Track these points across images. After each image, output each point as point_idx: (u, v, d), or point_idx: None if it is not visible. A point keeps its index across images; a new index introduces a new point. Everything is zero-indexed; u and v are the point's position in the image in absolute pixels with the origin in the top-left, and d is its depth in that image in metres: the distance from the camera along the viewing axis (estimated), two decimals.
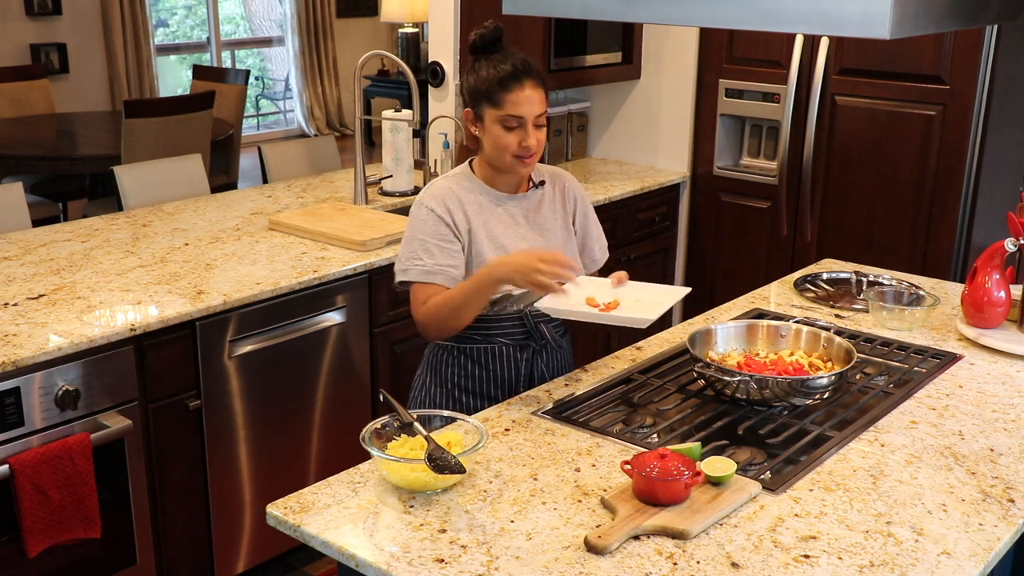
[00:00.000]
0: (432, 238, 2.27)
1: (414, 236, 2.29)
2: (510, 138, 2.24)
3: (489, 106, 2.26)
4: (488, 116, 2.26)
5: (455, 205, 2.29)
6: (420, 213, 2.30)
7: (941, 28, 1.93)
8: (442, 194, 2.31)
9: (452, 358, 2.40)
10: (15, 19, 7.79)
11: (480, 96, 2.27)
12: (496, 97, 2.24)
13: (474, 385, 2.39)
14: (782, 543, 1.68)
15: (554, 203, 2.41)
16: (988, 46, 3.55)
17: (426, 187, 2.36)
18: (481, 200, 2.33)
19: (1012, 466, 1.96)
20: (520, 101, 2.22)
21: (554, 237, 2.39)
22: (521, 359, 2.39)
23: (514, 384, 2.39)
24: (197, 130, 5.29)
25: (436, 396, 2.43)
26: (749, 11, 1.88)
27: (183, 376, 2.78)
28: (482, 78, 2.26)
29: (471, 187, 2.33)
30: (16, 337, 2.50)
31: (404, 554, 1.64)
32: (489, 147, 2.29)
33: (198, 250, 3.19)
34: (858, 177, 3.91)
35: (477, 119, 2.30)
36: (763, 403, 2.16)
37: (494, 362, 2.38)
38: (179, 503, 2.85)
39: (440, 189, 2.32)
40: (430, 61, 4.31)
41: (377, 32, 10.46)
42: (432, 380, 2.44)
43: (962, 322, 2.63)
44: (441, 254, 2.26)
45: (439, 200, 2.30)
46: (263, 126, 10.57)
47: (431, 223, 2.28)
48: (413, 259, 2.27)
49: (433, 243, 2.27)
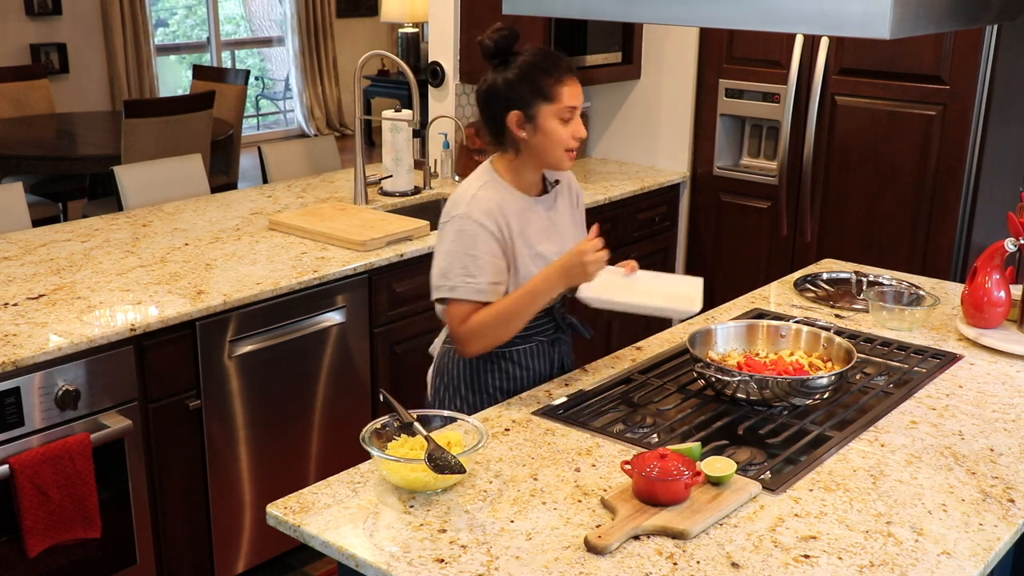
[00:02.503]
0: (485, 255, 2.24)
1: (465, 252, 2.23)
2: (565, 131, 2.25)
3: (544, 102, 2.24)
4: (543, 112, 2.24)
5: (501, 217, 2.26)
6: (470, 228, 2.24)
7: (941, 28, 1.93)
8: (489, 207, 2.26)
9: (492, 364, 2.38)
10: (15, 19, 7.79)
11: (532, 94, 2.24)
12: (551, 92, 2.23)
13: (514, 386, 2.39)
14: (782, 543, 1.68)
15: (564, 199, 2.45)
16: (988, 46, 3.55)
17: (464, 198, 2.29)
18: (518, 206, 2.31)
19: (1012, 466, 1.96)
20: (574, 92, 2.25)
21: (569, 234, 2.42)
22: (554, 352, 2.45)
23: (546, 377, 2.43)
24: (197, 130, 5.29)
25: (476, 403, 2.38)
26: (749, 11, 1.88)
27: (183, 376, 2.78)
28: (529, 77, 2.24)
29: (506, 194, 2.31)
30: (16, 337, 2.50)
31: (404, 554, 1.64)
32: (541, 144, 2.27)
33: (198, 250, 3.19)
34: (858, 177, 3.91)
35: (527, 119, 2.25)
36: (763, 403, 2.16)
37: (533, 360, 2.41)
38: (179, 503, 2.85)
39: (486, 202, 2.27)
40: (430, 61, 4.31)
41: (377, 32, 10.46)
42: (469, 389, 2.40)
43: (962, 322, 2.63)
44: (493, 272, 2.24)
45: (488, 214, 2.25)
46: (263, 126, 10.57)
47: (483, 239, 2.24)
48: (464, 276, 2.23)
49: (485, 260, 2.23)
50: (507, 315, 2.22)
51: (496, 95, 2.27)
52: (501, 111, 2.26)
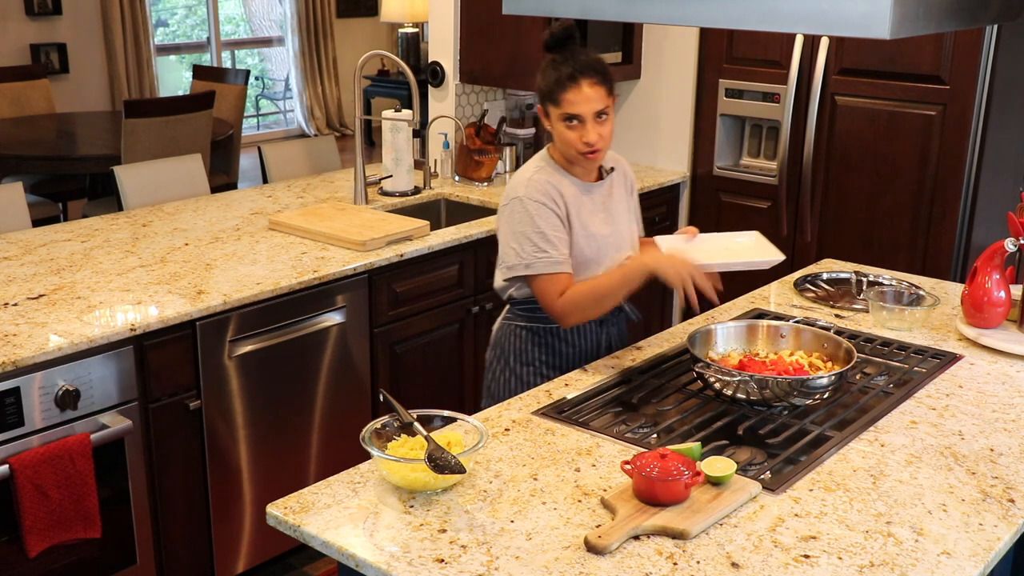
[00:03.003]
0: (551, 230, 2.37)
1: (532, 230, 2.37)
2: (572, 135, 2.37)
3: (551, 105, 2.39)
4: (552, 114, 2.40)
5: (557, 196, 2.40)
6: (531, 208, 2.37)
7: (941, 28, 1.93)
8: (544, 187, 2.39)
9: (541, 338, 2.53)
10: (15, 19, 7.79)
11: (544, 95, 2.40)
12: (556, 96, 2.36)
13: (561, 362, 2.53)
14: (782, 543, 1.68)
15: (621, 188, 2.57)
16: (988, 46, 3.55)
17: (521, 182, 2.42)
18: (572, 189, 2.44)
19: (1012, 466, 1.96)
20: (577, 100, 2.34)
21: (624, 221, 2.55)
22: (601, 333, 2.57)
23: (593, 356, 2.54)
24: (197, 130, 5.29)
25: (524, 376, 2.54)
26: (749, 11, 1.88)
27: (183, 376, 2.78)
28: (546, 79, 2.39)
29: (560, 176, 2.44)
30: (16, 337, 2.50)
31: (404, 554, 1.64)
32: (558, 142, 2.43)
33: (198, 250, 3.19)
34: (858, 177, 3.90)
35: (545, 116, 2.42)
36: (763, 403, 2.16)
37: (579, 339, 2.54)
38: (179, 503, 2.85)
39: (540, 183, 2.40)
40: (430, 61, 4.31)
41: (377, 32, 10.46)
42: (517, 361, 2.55)
43: (962, 322, 2.63)
44: (561, 244, 2.38)
45: (545, 193, 2.38)
46: (263, 126, 10.57)
47: (546, 215, 2.37)
48: (536, 253, 2.36)
49: (552, 235, 2.37)
50: (602, 293, 2.37)
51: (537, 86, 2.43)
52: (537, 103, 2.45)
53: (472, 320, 3.59)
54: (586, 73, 2.35)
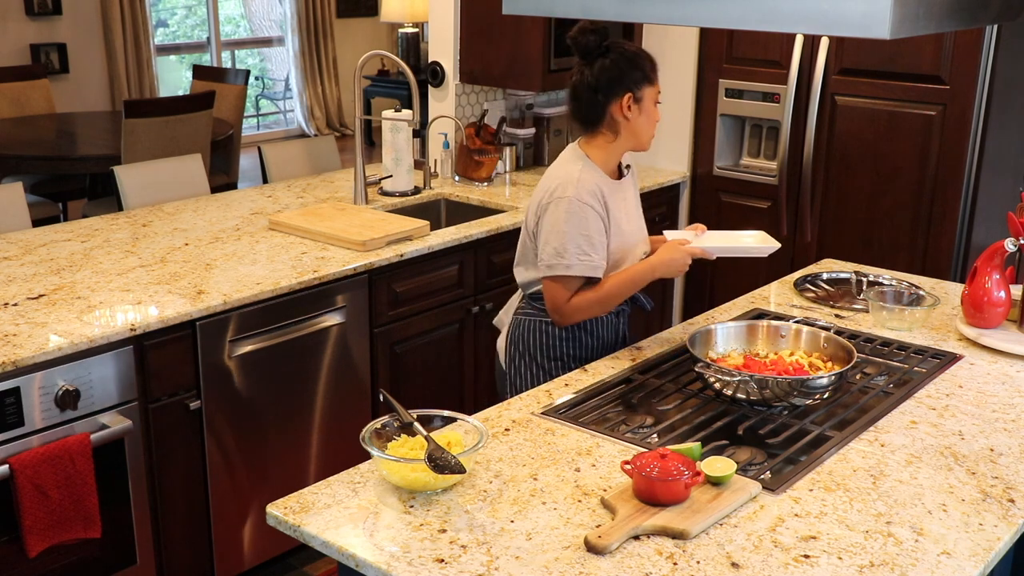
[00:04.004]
0: (596, 234, 2.45)
1: (579, 232, 2.43)
2: (657, 112, 2.50)
3: (648, 85, 2.47)
4: (648, 95, 2.47)
5: (600, 197, 2.47)
6: (579, 209, 2.43)
7: (941, 28, 1.93)
8: (592, 189, 2.46)
9: (568, 334, 2.59)
10: (15, 19, 7.79)
11: (641, 78, 2.46)
12: (652, 76, 2.48)
13: (587, 354, 2.60)
14: (782, 543, 1.68)
15: (631, 184, 2.65)
16: (988, 46, 3.55)
17: (570, 181, 2.46)
18: (608, 187, 2.51)
19: (1012, 466, 1.96)
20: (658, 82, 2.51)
21: (637, 217, 2.63)
22: (619, 323, 2.66)
23: (613, 346, 2.64)
24: (197, 130, 5.29)
25: (551, 369, 2.59)
26: (749, 11, 1.88)
27: (183, 376, 2.78)
28: (638, 64, 2.46)
29: (599, 176, 2.50)
30: (16, 337, 2.50)
31: (404, 554, 1.64)
32: (642, 125, 2.49)
33: (198, 250, 3.19)
34: (858, 177, 3.90)
35: (636, 101, 2.46)
36: (763, 403, 2.16)
37: (602, 329, 2.62)
38: (179, 503, 2.85)
39: (589, 183, 2.46)
40: (430, 61, 4.31)
41: (377, 32, 10.46)
42: (544, 356, 2.60)
43: (962, 322, 2.63)
44: (601, 249, 2.46)
45: (594, 196, 2.45)
46: (263, 126, 10.57)
47: (592, 219, 2.44)
48: (580, 255, 2.43)
49: (597, 239, 2.45)
50: (610, 297, 2.48)
51: (610, 81, 2.45)
52: (612, 96, 2.45)
53: (472, 320, 3.59)
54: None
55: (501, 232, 3.60)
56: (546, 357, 2.60)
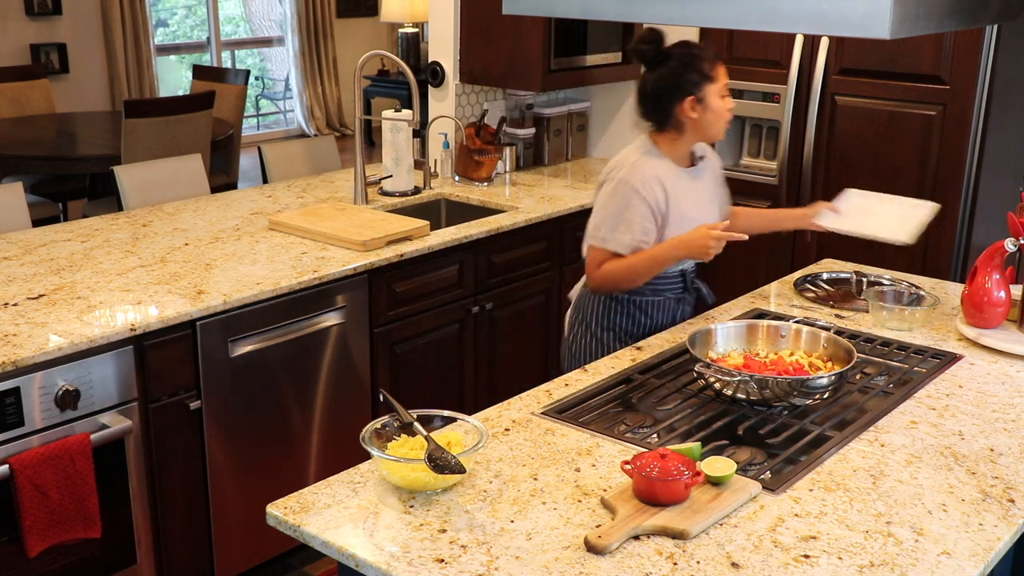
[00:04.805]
0: (635, 217, 2.59)
1: (619, 211, 2.60)
2: (725, 105, 2.63)
3: (708, 84, 2.60)
4: (710, 92, 2.60)
5: (658, 186, 2.61)
6: (625, 191, 2.60)
7: (941, 28, 1.93)
8: (646, 174, 2.61)
9: (623, 307, 2.74)
10: (15, 19, 7.79)
11: (695, 83, 2.59)
12: (712, 74, 2.60)
13: (638, 331, 2.74)
14: (782, 543, 1.68)
15: (710, 177, 2.80)
16: (988, 46, 3.55)
17: (626, 164, 2.64)
18: (673, 175, 2.66)
19: (1012, 466, 1.96)
20: (724, 72, 2.64)
21: (708, 207, 2.76)
22: (677, 309, 2.79)
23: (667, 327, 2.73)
24: (197, 130, 5.29)
25: (605, 340, 2.75)
26: (749, 11, 1.88)
27: (183, 376, 2.78)
28: (695, 66, 2.59)
29: (664, 164, 2.66)
30: (16, 337, 2.50)
31: (404, 554, 1.64)
32: (709, 121, 2.63)
33: (198, 250, 3.19)
34: (858, 177, 3.90)
35: (698, 101, 2.60)
36: (763, 403, 2.16)
37: (658, 313, 2.76)
38: (179, 503, 2.85)
39: (645, 169, 2.62)
40: (430, 61, 4.31)
41: (377, 32, 10.46)
42: (599, 326, 2.77)
43: (962, 322, 2.63)
44: (639, 231, 2.59)
45: (644, 181, 2.60)
46: (263, 126, 10.57)
47: (636, 202, 2.59)
48: (614, 231, 2.60)
49: (635, 221, 2.59)
50: (633, 272, 2.61)
51: (669, 87, 2.59)
52: (675, 100, 2.60)
53: (472, 320, 3.59)
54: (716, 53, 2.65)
55: (501, 232, 3.60)
56: (600, 327, 2.75)
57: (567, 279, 3.95)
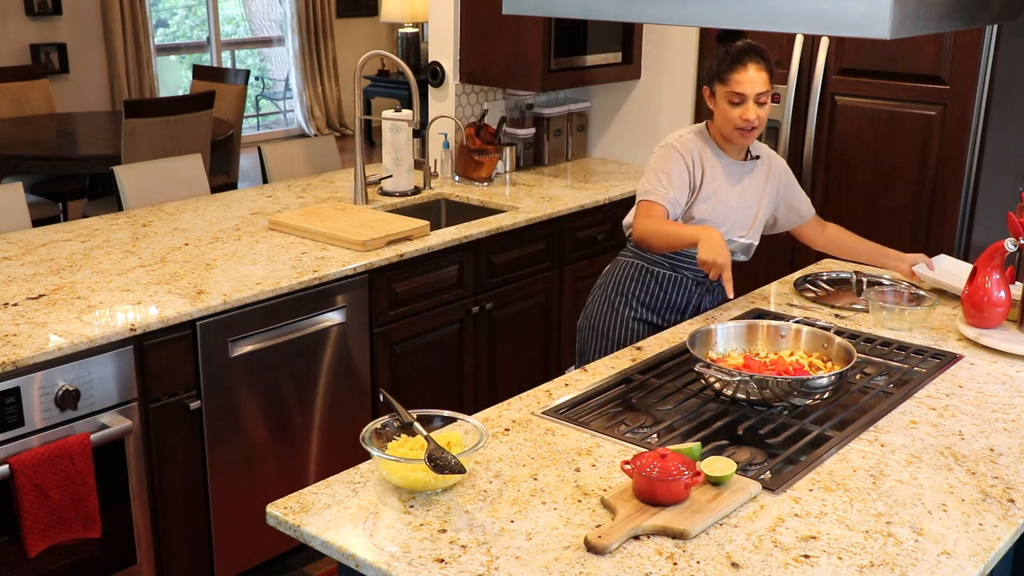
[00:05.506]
0: (677, 174, 2.72)
1: (662, 168, 2.73)
2: (734, 112, 2.67)
3: (719, 83, 2.69)
4: (718, 92, 2.70)
5: (697, 157, 2.75)
6: (671, 155, 2.74)
7: (941, 28, 1.93)
8: (690, 146, 2.76)
9: (639, 275, 2.85)
10: (15, 19, 7.79)
11: (713, 76, 2.70)
12: (724, 76, 2.67)
13: (652, 302, 2.84)
14: (782, 543, 1.68)
15: (762, 178, 2.85)
16: (988, 46, 3.55)
17: (675, 135, 2.80)
18: (714, 158, 2.77)
19: (1012, 466, 1.96)
20: (743, 80, 2.64)
21: (753, 204, 2.83)
22: (695, 292, 2.85)
23: (684, 311, 2.86)
24: (197, 130, 5.29)
25: (617, 304, 2.87)
26: (749, 11, 1.88)
27: (183, 376, 2.78)
28: (717, 60, 2.68)
29: (708, 145, 2.79)
30: (16, 337, 2.50)
31: (404, 554, 1.64)
32: (718, 119, 2.74)
33: (198, 250, 3.19)
34: (858, 177, 3.90)
35: (711, 95, 2.72)
36: (763, 403, 2.16)
37: (673, 289, 2.84)
38: (179, 503, 2.85)
39: (689, 142, 2.77)
40: (430, 61, 4.31)
41: (377, 32, 10.46)
42: (615, 291, 2.89)
43: (962, 322, 2.63)
44: (677, 189, 2.71)
45: (687, 150, 2.75)
46: (263, 126, 10.57)
47: (676, 162, 2.73)
48: (658, 185, 2.71)
49: (677, 178, 2.72)
50: (657, 232, 2.66)
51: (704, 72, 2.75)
52: (703, 82, 2.77)
53: (472, 320, 3.59)
54: (753, 57, 2.64)
55: (501, 232, 3.60)
56: (615, 291, 2.87)
57: (567, 279, 3.95)
